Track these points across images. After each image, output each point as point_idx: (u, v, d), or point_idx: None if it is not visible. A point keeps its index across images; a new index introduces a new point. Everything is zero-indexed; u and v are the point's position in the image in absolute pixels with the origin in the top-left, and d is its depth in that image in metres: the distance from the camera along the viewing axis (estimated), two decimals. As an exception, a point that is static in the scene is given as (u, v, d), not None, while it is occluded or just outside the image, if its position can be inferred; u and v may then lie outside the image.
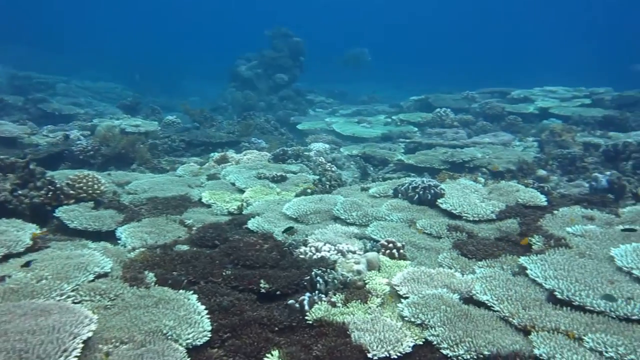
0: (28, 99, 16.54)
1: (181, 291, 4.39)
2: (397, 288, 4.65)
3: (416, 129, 15.40)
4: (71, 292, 4.07)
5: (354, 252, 5.37)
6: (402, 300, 4.42)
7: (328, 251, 5.35)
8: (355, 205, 6.58)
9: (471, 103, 18.34)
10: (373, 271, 5.02)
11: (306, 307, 4.34)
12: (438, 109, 16.08)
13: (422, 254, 5.46)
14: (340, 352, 3.73)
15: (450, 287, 4.60)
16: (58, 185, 6.45)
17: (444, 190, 6.69)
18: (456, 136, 13.58)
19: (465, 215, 6.19)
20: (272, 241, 5.78)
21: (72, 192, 6.55)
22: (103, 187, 6.80)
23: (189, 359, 3.54)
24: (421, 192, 6.57)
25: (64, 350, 3.08)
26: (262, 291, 4.69)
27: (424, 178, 6.92)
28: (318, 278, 4.71)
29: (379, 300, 4.53)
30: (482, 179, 7.36)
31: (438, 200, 6.51)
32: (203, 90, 28.35)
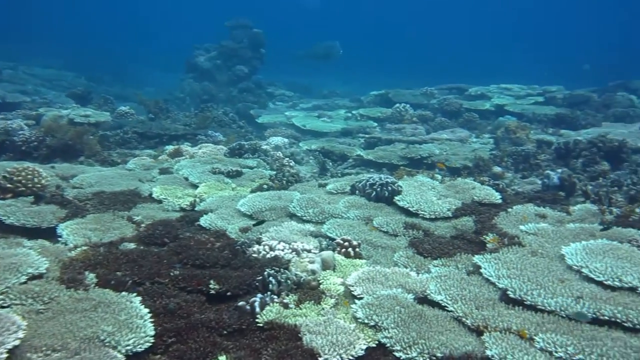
0: (-31, 86, 15.57)
1: (124, 293, 4.13)
2: (352, 288, 4.55)
3: (376, 124, 15.39)
4: None
5: (309, 251, 5.24)
6: (356, 301, 4.31)
7: (282, 250, 5.20)
8: (312, 202, 6.44)
9: (430, 99, 18.50)
10: (328, 271, 4.90)
11: (257, 309, 4.17)
12: (397, 105, 16.12)
13: (378, 253, 5.38)
14: (290, 357, 3.59)
15: (405, 287, 4.54)
16: (-6, 178, 6.02)
17: (401, 187, 6.64)
18: (415, 132, 13.64)
19: (421, 212, 6.15)
20: (225, 239, 5.58)
21: (10, 186, 6.13)
22: (44, 181, 6.40)
23: (129, 367, 3.32)
24: (378, 189, 6.50)
25: (-14, 362, 2.81)
26: (212, 292, 4.49)
27: (382, 175, 6.85)
28: (271, 278, 4.55)
29: (333, 301, 4.41)
30: (439, 176, 7.36)
31: (395, 197, 6.45)
32: (160, 80, 27.50)
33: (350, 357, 3.61)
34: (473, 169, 10.12)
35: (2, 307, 3.61)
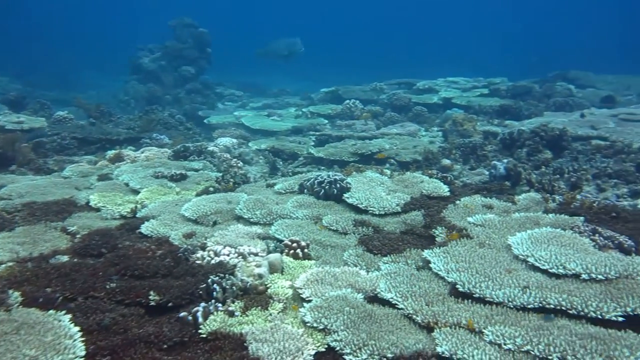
0: None
1: (52, 312, 3.82)
2: (300, 291, 4.39)
3: (326, 121, 15.31)
4: None
5: (257, 254, 5.05)
6: (305, 304, 4.16)
7: (228, 255, 4.98)
8: (259, 203, 6.25)
9: (379, 94, 18.62)
10: (276, 274, 4.73)
11: (200, 319, 3.95)
12: (347, 101, 16.12)
13: (328, 252, 5.25)
14: (235, 369, 3.40)
15: (355, 287, 4.42)
16: None
17: (350, 184, 6.54)
18: (365, 128, 13.64)
19: (371, 209, 6.07)
20: (167, 246, 5.30)
21: None
22: (-33, 194, 5.91)
23: (55, 394, 3.04)
24: (327, 187, 6.37)
25: None
26: (152, 304, 4.23)
27: (330, 172, 6.73)
28: (215, 285, 4.33)
29: (281, 305, 4.25)
30: (388, 171, 7.32)
31: (344, 194, 6.34)
32: (105, 83, 26.47)
33: (298, 365, 3.46)
34: (422, 162, 10.19)
35: None
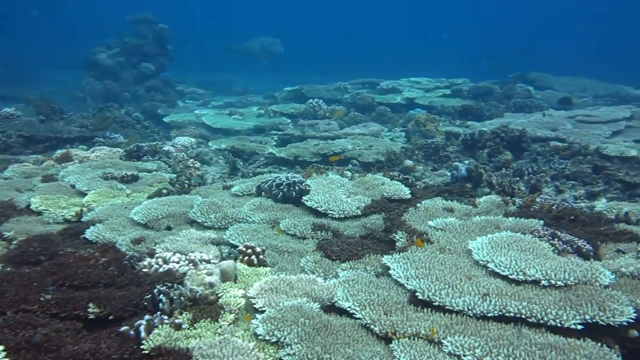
0: None
1: (-26, 331, 3.46)
2: (253, 300, 4.16)
3: (289, 121, 15.08)
4: None
5: (209, 261, 4.78)
6: (257, 315, 3.93)
7: (177, 262, 4.69)
8: (214, 206, 5.96)
9: (343, 93, 18.52)
10: (228, 282, 4.48)
11: (142, 334, 3.66)
12: (311, 100, 15.92)
13: (284, 259, 5.03)
14: (178, 390, 3.14)
15: (311, 296, 4.21)
16: None
17: (310, 186, 6.34)
18: (328, 127, 13.47)
19: (330, 212, 5.88)
20: (112, 253, 4.97)
21: None
22: None
23: None
24: (285, 189, 6.15)
25: None
26: (91, 317, 3.91)
27: (289, 174, 6.51)
28: (161, 296, 4.05)
29: (232, 316, 4.00)
30: (349, 173, 7.15)
31: (303, 197, 6.13)
32: (62, 79, 25.36)
33: (247, 383, 3.23)
34: (385, 163, 10.09)
35: None
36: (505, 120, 13.23)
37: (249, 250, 4.94)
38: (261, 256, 4.92)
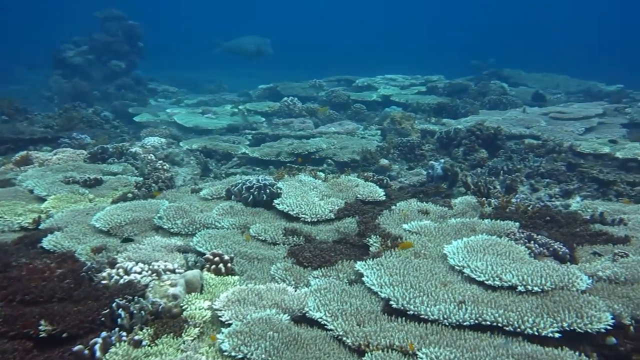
0: None
1: None
2: (220, 313, 3.94)
3: (263, 119, 14.81)
4: None
5: (173, 271, 4.53)
6: (223, 329, 3.71)
7: (140, 272, 4.44)
8: (181, 211, 5.71)
9: (319, 91, 18.33)
10: (193, 293, 4.24)
11: (97, 354, 3.41)
12: (285, 98, 15.68)
13: (254, 266, 4.81)
14: (134, 416, 2.91)
15: (281, 306, 4.02)
16: None
17: (281, 189, 6.13)
18: (303, 126, 13.26)
19: (303, 216, 5.68)
20: (70, 264, 4.68)
21: None
22: None
23: None
24: (256, 193, 5.93)
25: None
26: (43, 335, 3.64)
27: (260, 176, 6.28)
28: (120, 310, 3.80)
29: (197, 330, 3.78)
30: (322, 174, 6.96)
31: (274, 200, 5.92)
32: (30, 78, 24.52)
33: (209, 406, 3.02)
34: (361, 163, 9.94)
35: None
36: (480, 117, 13.21)
37: (217, 258, 4.71)
38: (229, 264, 4.69)
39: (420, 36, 55.64)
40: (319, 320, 3.85)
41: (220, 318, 3.90)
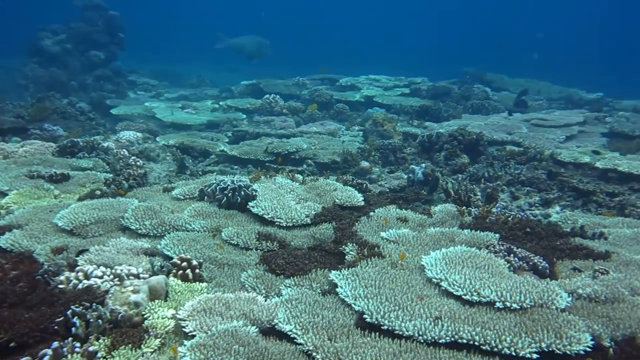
0: None
1: None
2: (183, 323, 3.72)
3: (244, 116, 14.54)
4: None
5: (138, 276, 4.29)
6: (185, 341, 3.49)
7: (101, 277, 4.18)
8: (150, 211, 5.45)
9: (302, 89, 18.10)
10: (157, 301, 4.01)
11: (47, 368, 3.17)
12: (267, 95, 15.42)
13: (224, 273, 4.59)
14: None
15: (249, 317, 3.81)
16: None
17: (257, 191, 5.91)
18: (284, 125, 13.03)
19: (278, 220, 5.48)
20: (27, 265, 4.40)
21: None
22: None
23: None
24: (230, 194, 5.70)
25: None
26: (-11, 345, 3.39)
27: (235, 177, 6.06)
28: (75, 319, 3.55)
29: (158, 342, 3.56)
30: (300, 177, 6.76)
31: (249, 203, 5.70)
32: (9, 66, 23.75)
33: None
34: (341, 164, 9.76)
35: None
36: (463, 122, 13.14)
37: (184, 263, 4.48)
38: (197, 270, 4.47)
39: (406, 36, 55.76)
40: (289, 333, 3.66)
41: (183, 329, 3.68)
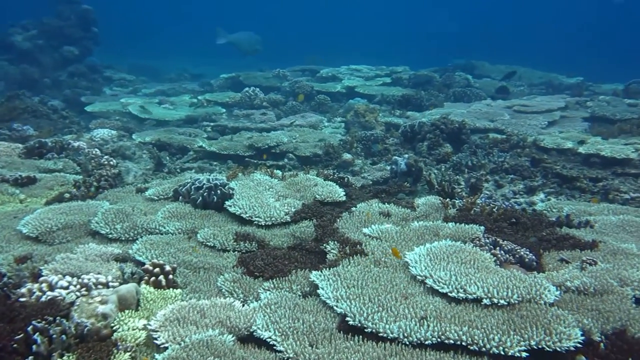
0: None
1: None
2: (155, 335, 3.50)
3: (224, 110, 14.23)
4: None
5: (106, 285, 4.05)
6: (157, 355, 3.28)
7: (67, 287, 3.93)
8: (121, 214, 5.20)
9: (282, 81, 17.81)
10: (127, 311, 3.78)
11: (5, 392, 2.94)
12: (247, 88, 15.12)
13: (199, 277, 4.37)
14: None
15: (226, 325, 3.61)
16: None
17: (234, 189, 5.69)
18: (264, 118, 12.77)
19: (256, 219, 5.26)
20: (-12, 278, 4.14)
21: None
22: None
23: None
24: (205, 194, 5.46)
25: None
26: (-59, 369, 3.14)
27: (211, 175, 5.82)
28: (36, 335, 3.31)
29: (128, 355, 3.33)
30: (279, 172, 6.54)
31: (226, 202, 5.48)
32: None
33: None
34: (323, 157, 9.57)
35: None
36: (445, 110, 13.00)
37: (157, 269, 4.25)
38: (171, 276, 4.24)
39: (387, 25, 55.54)
40: (268, 340, 3.46)
41: (155, 341, 3.46)
